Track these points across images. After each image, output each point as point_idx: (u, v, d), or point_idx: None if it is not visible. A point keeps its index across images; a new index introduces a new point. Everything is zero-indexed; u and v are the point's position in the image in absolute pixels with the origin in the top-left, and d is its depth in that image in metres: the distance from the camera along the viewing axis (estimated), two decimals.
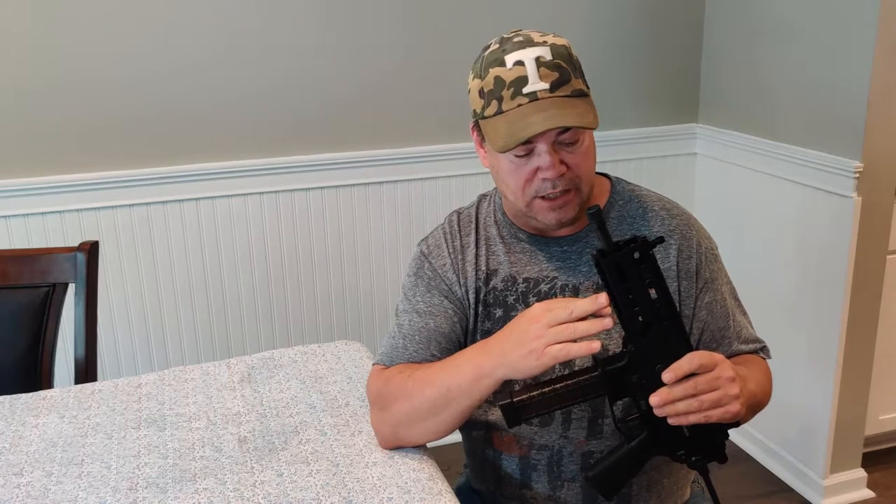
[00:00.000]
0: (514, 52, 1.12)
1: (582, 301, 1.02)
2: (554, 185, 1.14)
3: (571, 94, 1.11)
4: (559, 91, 1.10)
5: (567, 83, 1.11)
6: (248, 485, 1.15)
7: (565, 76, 1.11)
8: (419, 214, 2.46)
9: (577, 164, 1.14)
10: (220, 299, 2.36)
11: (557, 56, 1.12)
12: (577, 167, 1.14)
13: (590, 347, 1.01)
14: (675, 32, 2.59)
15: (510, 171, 1.16)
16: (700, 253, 1.23)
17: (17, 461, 1.23)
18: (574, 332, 1.01)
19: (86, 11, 2.08)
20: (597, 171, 1.30)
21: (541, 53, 1.11)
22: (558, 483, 1.24)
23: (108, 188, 2.19)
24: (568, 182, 1.14)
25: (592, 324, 1.01)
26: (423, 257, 1.29)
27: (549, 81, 1.10)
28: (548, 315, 1.03)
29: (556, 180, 1.13)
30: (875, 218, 2.15)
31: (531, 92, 1.10)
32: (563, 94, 1.11)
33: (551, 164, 1.12)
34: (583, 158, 1.15)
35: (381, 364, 1.25)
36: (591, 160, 1.18)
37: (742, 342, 1.27)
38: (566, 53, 1.13)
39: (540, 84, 1.10)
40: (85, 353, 1.65)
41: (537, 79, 1.10)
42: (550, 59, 1.11)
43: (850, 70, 2.08)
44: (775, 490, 2.42)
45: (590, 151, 1.17)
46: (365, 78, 2.33)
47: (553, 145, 1.12)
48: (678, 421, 1.02)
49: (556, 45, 1.13)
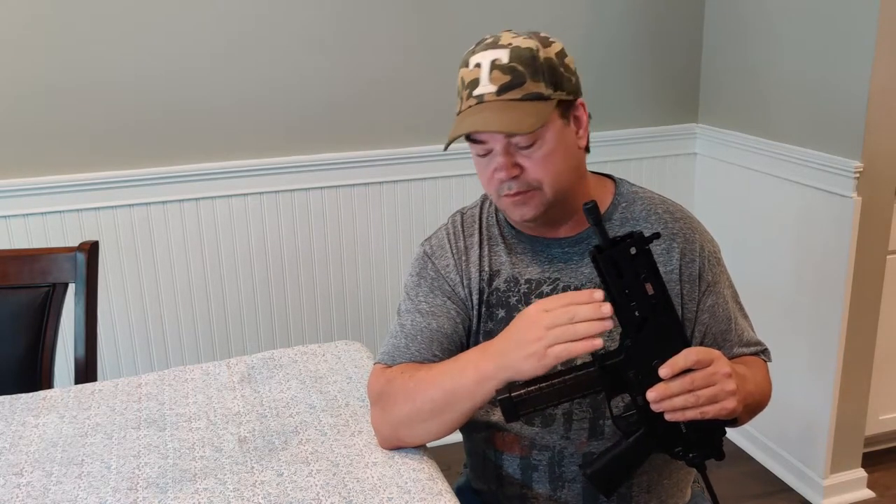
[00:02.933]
0: (477, 54, 1.16)
1: (580, 296, 1.03)
2: (510, 187, 1.17)
3: (522, 98, 1.12)
4: (507, 94, 1.13)
5: (519, 87, 1.12)
6: (248, 485, 1.15)
7: (518, 79, 1.12)
8: (419, 214, 2.46)
9: (531, 168, 1.15)
10: (220, 299, 2.36)
11: (515, 59, 1.13)
12: (533, 170, 1.15)
13: (592, 345, 1.01)
14: (675, 32, 2.60)
15: (478, 169, 1.21)
16: (703, 256, 1.24)
17: (17, 461, 1.23)
18: (574, 334, 1.01)
19: (86, 12, 2.08)
20: (601, 172, 1.31)
21: (498, 56, 1.14)
22: (559, 484, 1.24)
23: (108, 188, 2.19)
24: (523, 184, 1.16)
25: (592, 325, 1.01)
26: (426, 257, 1.29)
27: (497, 85, 1.13)
28: (547, 317, 1.03)
29: (509, 182, 1.16)
30: (875, 218, 2.15)
31: (479, 94, 1.14)
32: (510, 97, 1.12)
33: (500, 165, 1.16)
34: (540, 162, 1.15)
35: (383, 363, 1.25)
36: (555, 164, 1.16)
37: (743, 345, 1.27)
38: (528, 56, 1.13)
39: (488, 87, 1.13)
40: (85, 353, 1.65)
41: (487, 81, 1.13)
42: (506, 63, 1.13)
43: (849, 70, 2.08)
44: (775, 490, 2.42)
45: (553, 156, 1.15)
46: (365, 78, 2.33)
47: (507, 147, 1.15)
48: (675, 417, 1.03)
49: (519, 49, 1.14)
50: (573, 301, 1.03)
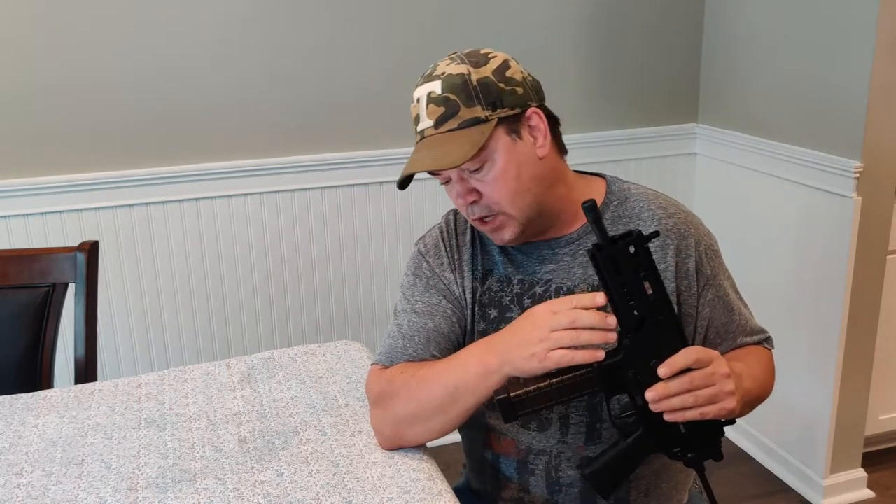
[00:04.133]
0: (418, 89, 1.19)
1: (584, 299, 1.03)
2: (473, 212, 1.18)
3: (459, 127, 1.13)
4: (443, 126, 1.14)
5: (453, 116, 1.13)
6: (248, 485, 1.15)
7: (451, 109, 1.13)
8: (419, 214, 2.46)
9: (487, 191, 1.16)
10: (220, 299, 2.36)
11: (448, 89, 1.14)
12: (490, 193, 1.16)
13: (594, 356, 1.01)
14: (675, 32, 2.60)
15: (451, 199, 1.22)
16: (699, 251, 1.23)
17: (17, 461, 1.23)
18: (577, 339, 1.01)
19: (87, 12, 2.08)
20: (591, 172, 1.30)
21: (432, 89, 1.15)
22: (556, 488, 1.24)
23: (108, 188, 2.19)
24: (484, 208, 1.17)
25: (595, 335, 1.01)
26: (420, 256, 1.29)
27: (434, 118, 1.15)
28: (552, 319, 1.03)
29: (470, 207, 1.18)
30: (875, 218, 2.15)
31: (421, 130, 1.17)
32: (447, 128, 1.14)
33: (458, 192, 1.18)
34: (492, 185, 1.15)
35: (381, 364, 1.25)
36: (508, 183, 1.15)
37: (747, 334, 1.27)
38: (460, 83, 1.14)
39: (426, 122, 1.16)
40: (85, 353, 1.65)
41: (425, 116, 1.16)
42: (439, 94, 1.14)
43: (849, 70, 2.08)
44: (775, 490, 2.42)
45: (504, 175, 1.15)
46: (365, 78, 2.33)
47: (461, 174, 1.16)
48: (674, 417, 1.03)
49: (451, 76, 1.14)
50: (577, 305, 1.03)
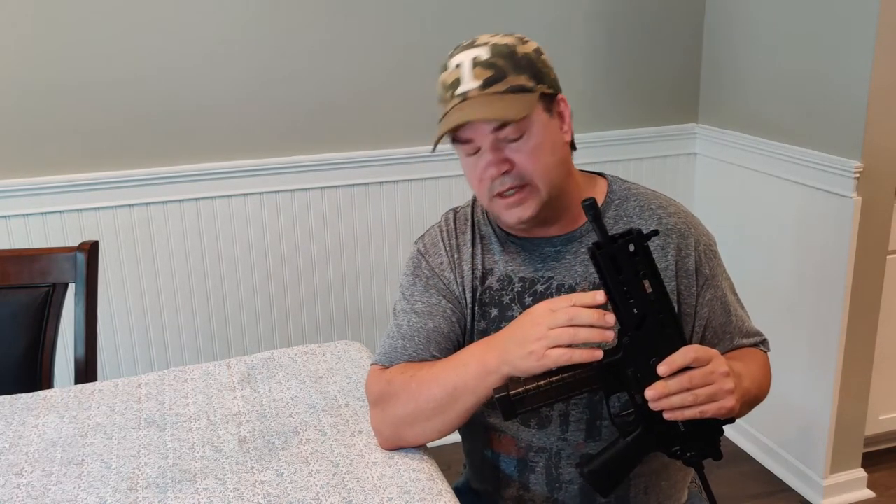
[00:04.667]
0: (456, 56, 1.16)
1: (583, 297, 1.03)
2: (502, 183, 1.15)
3: (506, 91, 1.13)
4: (491, 88, 1.13)
5: (501, 80, 1.13)
6: (248, 485, 1.15)
7: (500, 74, 1.13)
8: (419, 214, 2.46)
9: (522, 161, 1.14)
10: (220, 299, 2.36)
11: (496, 55, 1.14)
12: (523, 163, 1.14)
13: (592, 355, 1.01)
14: (675, 32, 2.59)
15: (468, 171, 1.19)
16: (699, 251, 1.23)
17: (17, 461, 1.23)
18: (575, 338, 1.01)
19: (87, 12, 2.08)
20: (592, 171, 1.31)
21: (478, 54, 1.14)
22: (556, 485, 1.24)
23: (108, 188, 2.19)
24: (516, 178, 1.15)
25: (594, 333, 1.01)
26: (419, 256, 1.29)
27: (481, 80, 1.13)
28: (550, 317, 1.03)
29: (502, 178, 1.15)
30: (875, 218, 2.15)
31: (462, 92, 1.14)
32: (495, 91, 1.13)
33: (490, 161, 1.14)
34: (530, 154, 1.14)
35: (380, 364, 1.25)
36: (545, 155, 1.16)
37: (744, 336, 1.27)
38: (507, 51, 1.14)
39: (472, 83, 1.13)
40: (85, 353, 1.65)
41: (470, 78, 1.13)
42: (487, 59, 1.13)
43: (849, 70, 2.08)
44: (775, 490, 2.42)
45: (541, 148, 1.15)
46: (365, 78, 2.33)
47: (494, 142, 1.14)
48: (673, 416, 1.03)
49: (498, 45, 1.15)
50: (577, 303, 1.03)
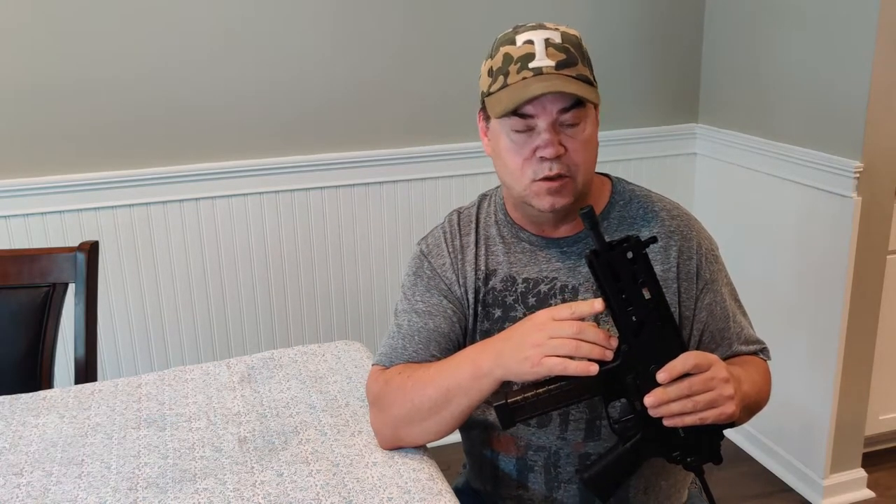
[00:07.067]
0: (526, 33, 1.15)
1: (583, 307, 1.03)
2: (551, 168, 1.13)
3: (576, 77, 1.13)
4: (564, 70, 1.12)
5: (573, 66, 1.13)
6: (248, 485, 1.15)
7: (572, 59, 1.13)
8: (419, 214, 2.46)
9: (575, 150, 1.14)
10: (220, 299, 2.36)
11: (567, 41, 1.14)
12: (575, 153, 1.14)
13: (587, 369, 1.01)
14: (675, 32, 2.60)
15: (510, 151, 1.16)
16: (700, 254, 1.23)
17: (17, 461, 1.23)
18: (576, 351, 1.01)
19: (86, 11, 2.08)
20: (598, 172, 1.31)
21: (550, 36, 1.14)
22: (555, 484, 1.24)
23: (108, 188, 2.19)
24: (564, 166, 1.14)
25: (594, 349, 1.01)
26: (422, 256, 1.29)
27: (555, 60, 1.12)
28: (552, 326, 1.03)
29: (553, 162, 1.13)
30: (875, 218, 2.15)
31: (537, 67, 1.12)
32: (567, 73, 1.12)
33: (549, 141, 1.12)
34: (582, 145, 1.14)
35: (381, 365, 1.25)
36: (591, 151, 1.17)
37: (742, 343, 1.26)
38: (576, 42, 1.16)
39: (546, 61, 1.12)
40: (85, 353, 1.65)
41: (544, 56, 1.12)
42: (559, 42, 1.14)
43: (850, 70, 2.08)
44: (775, 490, 2.42)
45: (590, 141, 1.16)
46: (364, 78, 2.33)
47: (553, 125, 1.13)
48: (673, 422, 1.02)
49: (567, 33, 1.16)
50: (576, 311, 1.03)
